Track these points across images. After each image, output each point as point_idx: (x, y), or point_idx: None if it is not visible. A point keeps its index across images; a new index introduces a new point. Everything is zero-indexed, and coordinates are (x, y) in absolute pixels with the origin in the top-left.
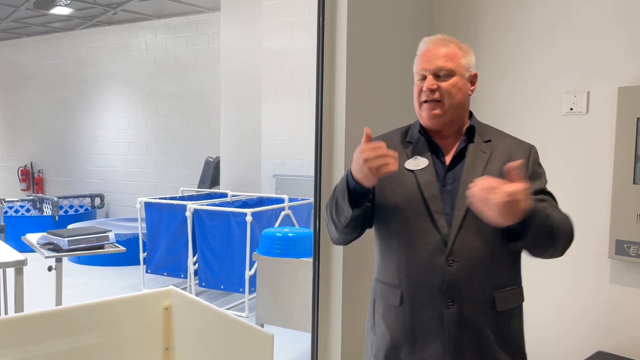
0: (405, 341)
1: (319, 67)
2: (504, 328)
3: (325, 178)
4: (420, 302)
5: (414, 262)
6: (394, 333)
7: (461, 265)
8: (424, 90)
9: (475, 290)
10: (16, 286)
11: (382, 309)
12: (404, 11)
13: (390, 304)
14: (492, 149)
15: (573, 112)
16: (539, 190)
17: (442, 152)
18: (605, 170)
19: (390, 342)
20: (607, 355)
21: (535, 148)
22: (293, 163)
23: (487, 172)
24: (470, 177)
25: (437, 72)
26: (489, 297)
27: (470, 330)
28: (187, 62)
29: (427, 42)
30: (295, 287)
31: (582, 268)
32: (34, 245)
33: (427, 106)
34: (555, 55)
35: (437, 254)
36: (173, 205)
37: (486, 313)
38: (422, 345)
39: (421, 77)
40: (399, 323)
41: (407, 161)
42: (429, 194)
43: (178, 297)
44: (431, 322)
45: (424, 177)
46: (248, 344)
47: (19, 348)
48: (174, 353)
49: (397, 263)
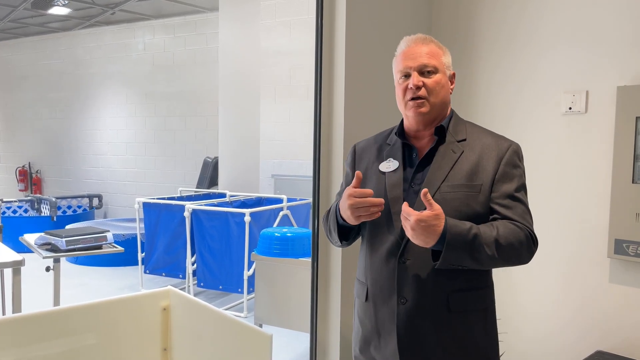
0: (373, 335)
1: (318, 67)
2: (460, 332)
3: (323, 178)
4: (380, 299)
5: (374, 261)
6: (365, 328)
7: (412, 263)
8: (409, 87)
9: (426, 289)
10: (14, 287)
11: (357, 305)
12: (403, 11)
13: (361, 300)
14: (464, 148)
15: (572, 112)
16: (506, 194)
17: (416, 154)
18: (604, 170)
19: (362, 337)
20: (606, 354)
21: (517, 146)
22: (291, 163)
23: (454, 172)
24: (433, 177)
25: (422, 69)
26: (442, 297)
27: (419, 329)
28: (185, 62)
29: (407, 41)
30: (294, 287)
31: (581, 267)
32: (32, 245)
33: (413, 104)
34: (554, 55)
35: (392, 253)
36: (171, 205)
37: (438, 313)
38: (385, 341)
39: (404, 75)
40: (367, 318)
41: (382, 164)
42: (392, 195)
43: (176, 297)
44: (388, 319)
45: (391, 179)
46: (247, 344)
47: (17, 349)
48: (172, 353)
49: (364, 262)
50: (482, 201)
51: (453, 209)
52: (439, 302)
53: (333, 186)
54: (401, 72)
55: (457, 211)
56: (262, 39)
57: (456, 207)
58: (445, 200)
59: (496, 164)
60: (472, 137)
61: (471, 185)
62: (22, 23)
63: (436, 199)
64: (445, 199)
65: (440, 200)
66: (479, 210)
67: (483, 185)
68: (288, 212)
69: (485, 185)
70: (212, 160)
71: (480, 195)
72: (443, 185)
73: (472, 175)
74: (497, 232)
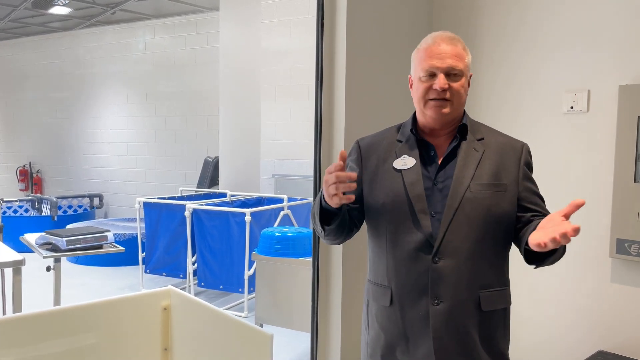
0: (400, 341)
1: (318, 66)
2: (488, 330)
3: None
4: (408, 301)
5: (400, 263)
6: (388, 333)
7: (447, 263)
8: (434, 88)
9: (461, 289)
10: (14, 286)
11: (375, 310)
12: (404, 11)
13: (382, 304)
14: (485, 147)
15: (573, 111)
16: (534, 192)
17: (434, 151)
18: (606, 169)
19: (385, 342)
20: (608, 354)
21: (528, 146)
22: (292, 163)
23: (480, 170)
24: (462, 175)
25: (449, 72)
26: (475, 296)
27: (456, 329)
28: (185, 62)
29: (435, 38)
30: (295, 287)
31: (583, 267)
32: (32, 245)
33: (434, 104)
34: (556, 54)
35: (422, 253)
36: (172, 205)
37: (471, 312)
38: (415, 344)
39: (429, 74)
40: (391, 323)
41: (395, 161)
42: (414, 193)
43: (177, 297)
44: (419, 321)
45: (410, 177)
46: (247, 344)
47: (18, 348)
48: (173, 353)
49: (385, 264)
50: (509, 200)
51: (485, 207)
52: (472, 301)
53: None
54: (426, 71)
55: (489, 210)
56: (262, 39)
57: (487, 206)
58: (477, 199)
59: (517, 163)
60: (487, 136)
61: (498, 184)
62: (22, 23)
63: (467, 197)
64: (476, 198)
65: (472, 198)
66: (507, 209)
67: (508, 185)
68: (289, 211)
69: (510, 185)
70: (212, 160)
71: (507, 194)
72: (472, 183)
73: (497, 174)
74: None
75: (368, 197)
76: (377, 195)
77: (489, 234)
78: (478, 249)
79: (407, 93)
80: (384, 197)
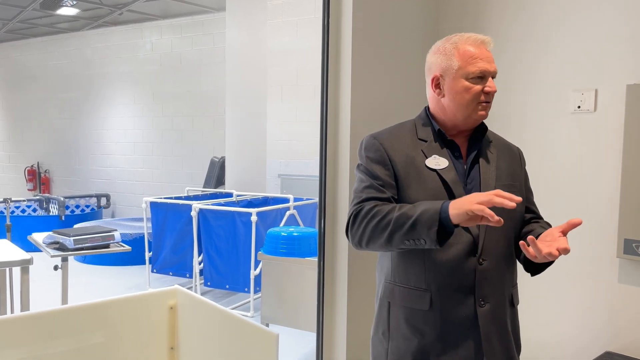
0: (436, 344)
1: (324, 66)
2: (515, 324)
3: (330, 178)
4: (451, 304)
5: (442, 265)
6: (423, 337)
7: (490, 263)
8: (486, 91)
9: (501, 288)
10: (22, 285)
11: (405, 314)
12: (410, 10)
13: (417, 308)
14: (496, 149)
15: (581, 110)
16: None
17: (459, 152)
18: (614, 169)
19: (418, 348)
20: (615, 355)
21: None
22: (298, 163)
23: (499, 172)
24: (487, 177)
25: (494, 75)
26: (509, 293)
27: (499, 327)
28: (192, 62)
29: (477, 41)
30: (301, 286)
31: (590, 267)
32: (40, 244)
33: (483, 107)
34: (563, 53)
35: (469, 254)
36: (178, 205)
37: (507, 309)
38: (454, 347)
39: (478, 77)
40: (428, 327)
41: (427, 160)
42: (458, 193)
43: (183, 296)
44: (464, 322)
45: (450, 177)
46: (253, 344)
47: (25, 347)
48: (179, 352)
49: (423, 266)
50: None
51: (509, 209)
52: (508, 299)
53: (339, 186)
54: (474, 74)
55: (513, 211)
56: (269, 39)
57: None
58: None
59: (520, 166)
60: (493, 138)
61: (514, 185)
62: (30, 24)
63: None
64: None
65: None
66: (521, 209)
67: (520, 186)
68: (294, 211)
69: (521, 186)
70: (219, 160)
71: (520, 195)
72: (497, 185)
73: (512, 175)
74: None
75: (402, 197)
76: (412, 194)
77: (514, 233)
78: (509, 248)
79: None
80: (422, 196)
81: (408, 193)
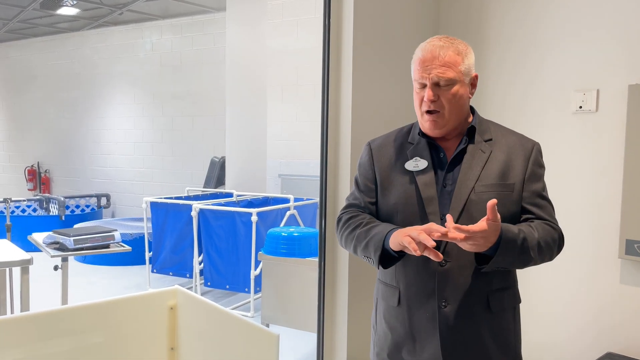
0: (406, 341)
1: (325, 66)
2: (500, 330)
3: (330, 178)
4: (416, 302)
5: (409, 264)
6: (395, 333)
7: (454, 265)
8: (424, 100)
9: (468, 291)
10: (22, 285)
11: (383, 309)
12: (410, 10)
13: (390, 304)
14: (492, 148)
15: (582, 110)
16: (536, 193)
17: (444, 153)
18: (616, 169)
19: (392, 342)
20: (617, 356)
21: (539, 145)
22: (298, 163)
23: (486, 171)
24: (466, 178)
25: (437, 82)
26: (483, 298)
27: (464, 332)
28: (192, 62)
29: (424, 47)
30: (301, 287)
31: (592, 268)
32: (40, 244)
33: (428, 117)
34: (565, 53)
35: None
36: (179, 205)
37: (480, 314)
38: (422, 345)
39: (421, 85)
40: (398, 323)
41: (407, 162)
42: (426, 195)
43: (183, 296)
44: (427, 323)
45: (423, 179)
46: (253, 344)
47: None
48: (179, 352)
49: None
50: (515, 200)
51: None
52: (480, 303)
53: (340, 186)
54: (417, 82)
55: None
56: (269, 39)
57: None
58: (482, 201)
59: (524, 163)
60: (496, 136)
61: (504, 184)
62: (31, 23)
63: (472, 200)
64: (481, 199)
65: (476, 200)
66: (513, 209)
67: (515, 185)
68: (295, 211)
69: (517, 185)
70: (219, 159)
71: (514, 194)
72: (477, 185)
73: (503, 174)
74: (537, 234)
75: (381, 198)
76: (389, 196)
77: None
78: None
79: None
80: (396, 198)
81: (385, 196)
